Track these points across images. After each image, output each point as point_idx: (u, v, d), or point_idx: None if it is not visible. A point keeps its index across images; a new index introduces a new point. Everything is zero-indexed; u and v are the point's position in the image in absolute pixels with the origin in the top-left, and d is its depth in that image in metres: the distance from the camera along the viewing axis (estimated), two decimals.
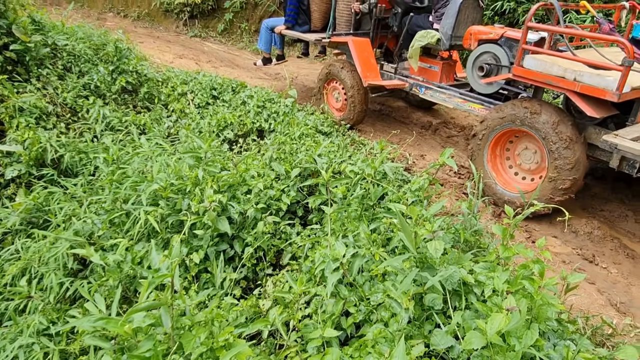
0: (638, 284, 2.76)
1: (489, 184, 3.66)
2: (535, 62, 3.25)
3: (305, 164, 3.25)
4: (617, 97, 2.81)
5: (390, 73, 5.10)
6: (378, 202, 2.96)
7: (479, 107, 4.17)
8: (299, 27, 5.55)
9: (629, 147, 2.79)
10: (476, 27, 4.19)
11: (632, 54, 2.73)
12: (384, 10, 5.06)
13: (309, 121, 4.50)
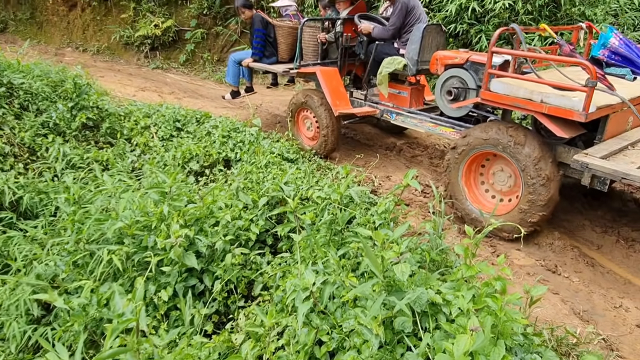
0: (598, 291, 2.86)
1: (460, 199, 3.72)
2: (502, 85, 3.32)
3: (273, 193, 3.26)
4: (584, 117, 2.87)
5: (360, 100, 5.16)
6: (346, 226, 3.00)
7: (450, 130, 4.24)
8: (266, 59, 5.61)
9: (599, 165, 2.86)
10: (442, 52, 4.30)
11: (595, 75, 2.84)
12: (350, 38, 5.15)
13: (275, 149, 4.53)
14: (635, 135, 3.41)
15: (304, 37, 5.16)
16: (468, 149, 3.55)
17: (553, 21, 7.18)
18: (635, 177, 2.71)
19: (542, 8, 7.11)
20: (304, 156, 4.83)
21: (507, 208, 3.48)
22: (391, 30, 4.73)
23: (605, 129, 3.24)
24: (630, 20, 7.50)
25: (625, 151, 3.16)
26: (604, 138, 3.26)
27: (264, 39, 5.56)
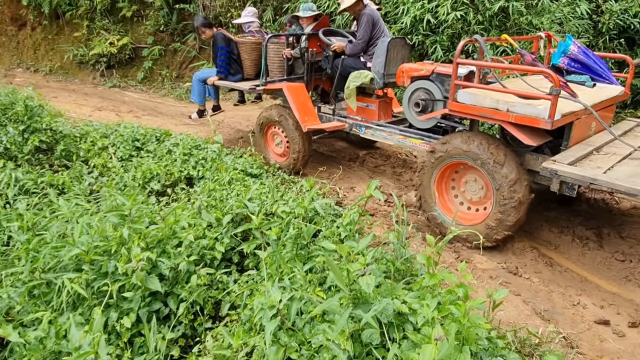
0: (557, 290, 2.97)
1: (429, 203, 3.74)
2: (469, 96, 3.36)
3: (237, 210, 3.23)
4: (550, 124, 2.93)
5: (329, 115, 5.16)
6: (312, 240, 3.00)
7: (419, 142, 4.28)
8: (232, 77, 5.57)
9: (568, 172, 2.91)
10: (407, 64, 4.36)
11: (558, 82, 2.89)
12: (315, 53, 5.17)
13: (238, 164, 4.50)
14: (598, 140, 3.50)
15: (269, 53, 5.15)
16: (446, 156, 3.55)
17: (503, 30, 7.47)
18: (603, 182, 2.75)
19: (492, 18, 7.39)
20: (267, 171, 4.81)
21: (476, 218, 3.53)
22: (361, 44, 4.80)
23: (571, 135, 3.32)
24: (575, 27, 7.89)
25: (591, 156, 3.23)
26: (570, 144, 3.34)
27: (228, 57, 5.52)
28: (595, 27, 8.67)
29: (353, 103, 4.86)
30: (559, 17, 7.77)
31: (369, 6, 4.87)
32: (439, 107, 4.03)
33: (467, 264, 3.28)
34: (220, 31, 5.69)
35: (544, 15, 7.51)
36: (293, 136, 4.91)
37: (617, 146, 3.39)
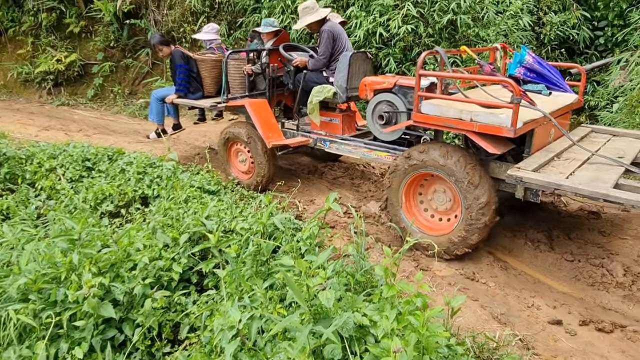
0: (513, 293, 3.06)
1: (395, 208, 3.73)
2: (432, 107, 3.39)
3: (194, 228, 3.16)
4: (513, 132, 2.98)
5: (293, 130, 5.12)
6: (272, 256, 2.97)
7: (385, 154, 4.28)
8: (191, 95, 5.46)
9: (533, 178, 2.96)
10: (369, 77, 4.38)
11: (518, 91, 2.95)
12: (276, 69, 5.13)
13: (195, 182, 4.41)
14: (558, 146, 3.59)
15: (230, 70, 5.07)
16: (421, 165, 3.50)
17: (452, 42, 7.74)
18: (567, 187, 2.81)
19: (441, 31, 7.64)
20: (225, 187, 4.74)
21: (440, 229, 3.55)
22: (322, 59, 4.80)
23: (532, 142, 3.39)
24: (519, 39, 8.27)
25: (553, 162, 3.31)
26: (532, 151, 3.41)
27: (188, 75, 5.41)
28: (537, 38, 9.12)
29: (316, 118, 4.84)
30: (504, 29, 8.13)
31: (329, 21, 4.89)
32: (402, 118, 4.06)
33: (426, 272, 3.34)
34: (177, 49, 5.59)
35: (490, 27, 7.83)
36: (257, 153, 4.84)
37: (576, 152, 3.50)
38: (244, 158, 5.13)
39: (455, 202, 3.50)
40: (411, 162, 3.55)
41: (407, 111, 4.00)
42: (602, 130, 4.22)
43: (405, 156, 3.59)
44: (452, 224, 3.50)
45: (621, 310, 2.91)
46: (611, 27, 9.12)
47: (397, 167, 3.66)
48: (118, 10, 9.56)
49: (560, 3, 9.21)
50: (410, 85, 3.94)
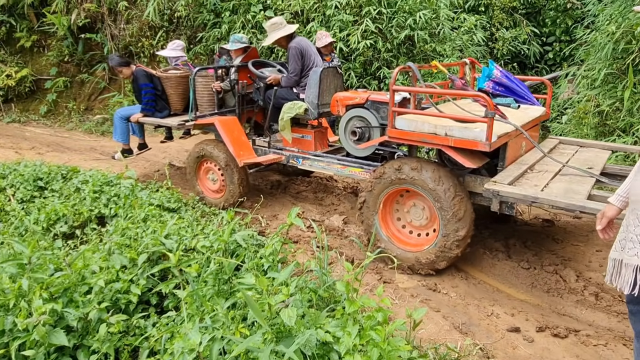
0: (473, 303, 3.12)
1: (370, 218, 3.69)
2: (407, 122, 3.36)
3: (153, 248, 3.08)
4: (489, 146, 2.98)
5: (264, 147, 5.01)
6: (235, 273, 2.92)
7: (359, 170, 4.23)
8: (158, 113, 5.32)
9: (510, 192, 2.96)
10: (341, 93, 4.36)
11: (492, 105, 2.96)
12: (246, 85, 5.06)
13: (154, 199, 4.31)
14: (530, 158, 3.63)
15: (198, 87, 4.96)
16: (406, 181, 3.42)
17: (410, 57, 7.94)
18: (544, 199, 2.83)
19: (400, 46, 7.83)
20: (186, 204, 4.65)
21: (419, 244, 3.55)
22: (293, 77, 4.78)
23: (506, 155, 3.42)
24: (474, 54, 8.58)
25: (527, 175, 3.33)
26: (506, 164, 3.43)
27: (154, 93, 5.28)
28: (491, 53, 9.48)
29: (288, 135, 4.77)
30: (459, 44, 8.41)
31: (297, 38, 4.88)
32: (376, 134, 4.04)
33: (389, 284, 3.37)
34: (139, 68, 5.46)
35: (445, 42, 8.09)
36: (229, 171, 4.75)
37: (547, 163, 3.56)
38: (214, 177, 5.02)
39: (432, 220, 3.50)
40: (395, 177, 3.48)
41: (380, 126, 4.00)
42: (569, 142, 4.32)
43: (397, 167, 3.48)
44: (423, 247, 3.48)
45: (574, 315, 3.01)
46: (559, 42, 9.60)
47: (384, 175, 3.56)
48: (72, 24, 9.32)
49: (511, 20, 9.63)
50: (383, 100, 3.95)
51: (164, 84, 5.39)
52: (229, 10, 8.33)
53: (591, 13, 7.86)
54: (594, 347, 2.68)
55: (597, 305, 3.09)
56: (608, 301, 3.11)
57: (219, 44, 8.55)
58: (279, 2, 8.13)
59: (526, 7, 9.62)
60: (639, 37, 5.52)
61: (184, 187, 5.64)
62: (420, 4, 7.83)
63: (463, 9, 9.33)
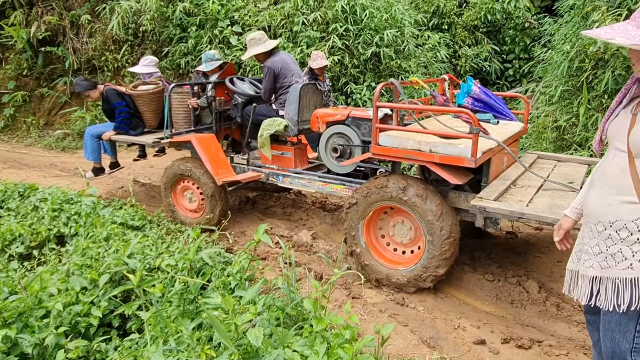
0: (440, 316, 3.15)
1: (355, 230, 3.62)
2: (390, 139, 3.32)
3: (116, 268, 2.98)
4: (474, 162, 2.96)
5: (243, 165, 4.90)
6: (201, 293, 2.86)
7: (340, 187, 4.18)
8: (132, 131, 5.16)
9: (496, 208, 2.94)
10: (321, 110, 4.33)
11: (477, 122, 2.95)
12: (223, 102, 4.97)
13: (117, 217, 4.19)
14: (512, 174, 3.63)
15: (173, 104, 4.82)
16: (397, 200, 3.36)
17: (377, 73, 8.08)
18: (531, 215, 2.82)
19: (366, 62, 7.97)
20: (151, 221, 4.54)
21: (404, 262, 3.52)
22: (262, 94, 4.75)
23: (490, 171, 3.40)
24: (438, 70, 8.81)
25: (510, 190, 3.32)
26: (489, 180, 3.41)
27: (128, 112, 5.13)
28: (455, 70, 9.76)
29: (267, 152, 4.68)
30: (424, 61, 8.62)
31: (275, 55, 4.81)
32: (357, 151, 4.01)
33: (357, 299, 3.36)
34: (108, 87, 5.28)
35: (411, 59, 8.28)
36: (209, 190, 4.60)
37: (529, 178, 3.58)
38: (192, 196, 4.86)
39: (417, 238, 3.47)
40: (390, 194, 3.38)
41: (362, 143, 3.97)
42: (547, 157, 4.38)
43: (383, 185, 3.42)
44: (416, 257, 3.44)
45: (538, 325, 3.08)
46: (518, 60, 9.99)
47: (370, 191, 3.50)
48: (32, 37, 9.06)
49: (473, 38, 9.97)
50: (364, 116, 3.95)
51: (135, 101, 5.24)
52: (196, 25, 8.30)
53: (547, 32, 8.22)
54: (556, 357, 2.74)
55: (558, 316, 3.18)
56: (569, 311, 3.20)
57: (186, 59, 8.49)
58: (247, 18, 8.16)
59: (487, 26, 9.99)
60: (592, 56, 5.80)
61: (149, 204, 5.52)
62: (385, 21, 8.01)
63: (427, 27, 9.60)
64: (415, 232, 3.49)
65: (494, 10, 9.66)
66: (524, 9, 9.82)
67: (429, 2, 9.81)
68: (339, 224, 4.89)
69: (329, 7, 7.83)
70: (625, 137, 1.68)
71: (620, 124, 1.73)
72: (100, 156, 5.53)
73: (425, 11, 9.78)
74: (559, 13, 7.78)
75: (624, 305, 1.66)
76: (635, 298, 1.64)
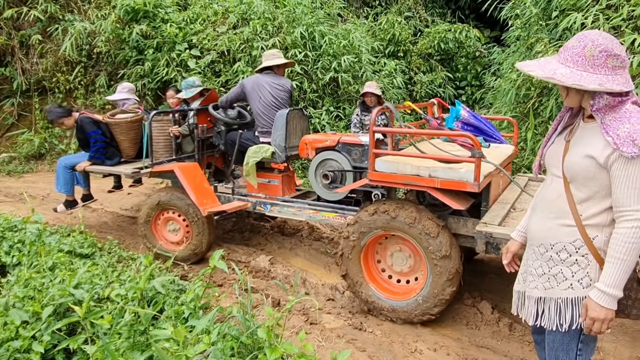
0: (397, 340, 3.16)
1: (353, 259, 3.48)
2: (387, 164, 3.21)
3: (60, 299, 2.83)
4: (478, 187, 2.88)
5: (227, 194, 4.68)
6: (153, 323, 2.75)
7: (333, 215, 4.02)
8: (108, 161, 4.91)
9: (502, 233, 2.86)
10: (310, 136, 4.24)
11: (479, 146, 2.87)
12: (206, 129, 4.82)
13: (65, 245, 4.00)
14: (509, 197, 3.61)
15: (153, 132, 4.59)
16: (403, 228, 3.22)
17: (335, 98, 8.21)
18: None
19: (325, 87, 8.10)
20: (102, 249, 4.36)
21: (406, 292, 3.41)
22: (223, 100, 4.72)
23: (490, 195, 3.32)
24: (395, 96, 9.05)
25: (511, 214, 3.27)
26: (490, 204, 3.32)
27: (104, 140, 4.89)
28: (411, 95, 10.06)
29: (253, 180, 4.49)
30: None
31: (262, 75, 4.68)
32: (349, 177, 3.95)
33: (315, 325, 3.33)
34: (83, 115, 5.01)
35: None
36: (195, 220, 4.40)
37: (526, 201, 3.56)
38: (175, 226, 4.62)
39: (416, 258, 3.37)
40: (397, 220, 3.24)
41: (353, 169, 3.92)
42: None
43: (391, 215, 3.26)
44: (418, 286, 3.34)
45: (491, 346, 3.14)
46: (470, 86, 10.42)
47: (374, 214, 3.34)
48: None
49: (427, 65, 10.34)
50: (355, 142, 3.91)
51: (112, 130, 4.98)
52: (153, 47, 8.21)
53: (496, 61, 8.64)
54: None
55: (511, 336, 3.25)
56: (520, 331, 3.28)
57: (142, 81, 8.35)
58: (205, 42, 8.15)
59: (440, 54, 10.40)
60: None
61: (99, 230, 5.32)
62: (343, 48, 8.20)
63: (383, 54, 9.90)
64: (414, 261, 3.39)
65: (447, 39, 10.09)
66: (475, 38, 10.32)
67: (385, 31, 10.14)
68: (297, 248, 4.86)
69: (287, 33, 7.95)
70: (560, 163, 1.76)
71: (555, 150, 1.82)
72: (73, 188, 5.20)
73: (382, 39, 10.10)
74: (506, 43, 8.21)
75: (565, 325, 1.72)
76: (575, 317, 1.70)
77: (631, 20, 5.07)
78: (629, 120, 1.56)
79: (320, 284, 3.99)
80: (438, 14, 11.81)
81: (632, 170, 1.56)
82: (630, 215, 1.57)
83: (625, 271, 1.59)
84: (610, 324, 1.63)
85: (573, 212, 1.70)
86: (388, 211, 3.26)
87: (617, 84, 1.57)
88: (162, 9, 8.40)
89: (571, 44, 1.64)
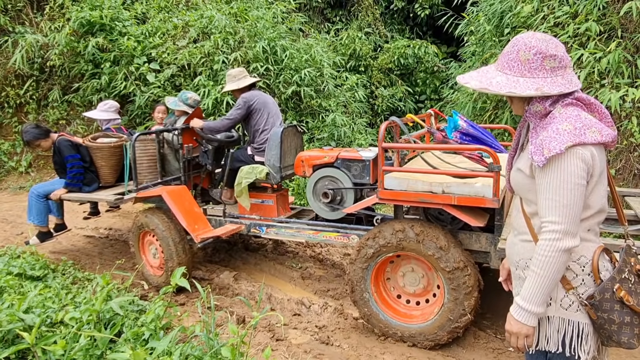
0: (365, 353, 3.13)
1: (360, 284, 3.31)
2: (397, 181, 3.02)
3: (8, 325, 2.66)
4: (498, 202, 2.74)
5: (219, 217, 4.38)
6: (111, 346, 2.62)
7: (335, 235, 3.80)
8: (86, 187, 4.59)
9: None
10: (306, 152, 4.04)
11: (497, 159, 2.71)
12: (192, 149, 4.58)
13: (14, 267, 3.79)
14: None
15: (137, 154, 4.29)
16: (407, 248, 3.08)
17: (298, 112, 8.23)
18: None
19: (287, 101, 8.09)
20: (55, 270, 4.16)
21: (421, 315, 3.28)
22: (226, 121, 4.33)
23: (504, 209, 3.14)
24: (357, 109, 9.16)
25: None
26: (504, 219, 3.16)
27: (82, 166, 4.56)
28: (372, 109, 10.21)
29: (246, 201, 4.24)
30: (343, 100, 8.93)
31: (253, 91, 4.46)
32: (349, 194, 3.80)
33: (281, 341, 3.26)
34: (62, 137, 4.65)
35: (330, 98, 8.54)
36: (169, 246, 4.08)
37: None
38: (155, 251, 4.31)
39: (428, 279, 3.22)
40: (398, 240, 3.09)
41: (354, 186, 3.78)
42: None
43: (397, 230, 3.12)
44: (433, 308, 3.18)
45: (457, 355, 3.15)
46: (429, 100, 10.68)
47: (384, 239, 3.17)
48: None
49: (388, 79, 10.54)
50: (354, 157, 3.75)
51: (93, 154, 4.66)
52: (110, 61, 8.00)
53: (454, 75, 8.90)
54: None
55: (475, 344, 3.28)
56: (485, 339, 3.32)
57: (99, 95, 8.11)
58: (165, 55, 8.01)
59: (400, 69, 10.63)
60: (492, 97, 6.33)
61: (52, 251, 5.08)
62: (305, 62, 8.24)
63: (345, 68, 10.02)
64: (427, 281, 3.26)
65: (406, 54, 10.32)
66: (433, 54, 10.61)
67: (346, 46, 10.28)
68: (262, 264, 4.79)
69: (249, 47, 7.93)
70: None
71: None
72: (47, 219, 4.76)
73: (343, 54, 10.23)
74: (462, 58, 8.48)
75: (533, 347, 1.60)
76: (541, 338, 1.59)
77: (576, 37, 5.34)
78: (550, 126, 1.48)
79: (286, 299, 3.93)
80: (397, 30, 12.08)
81: (544, 180, 1.48)
82: (545, 227, 1.48)
83: (544, 286, 1.48)
84: (528, 341, 1.55)
85: (529, 227, 1.63)
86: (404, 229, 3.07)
87: (556, 86, 1.48)
88: (119, 22, 8.21)
89: (507, 50, 1.56)
